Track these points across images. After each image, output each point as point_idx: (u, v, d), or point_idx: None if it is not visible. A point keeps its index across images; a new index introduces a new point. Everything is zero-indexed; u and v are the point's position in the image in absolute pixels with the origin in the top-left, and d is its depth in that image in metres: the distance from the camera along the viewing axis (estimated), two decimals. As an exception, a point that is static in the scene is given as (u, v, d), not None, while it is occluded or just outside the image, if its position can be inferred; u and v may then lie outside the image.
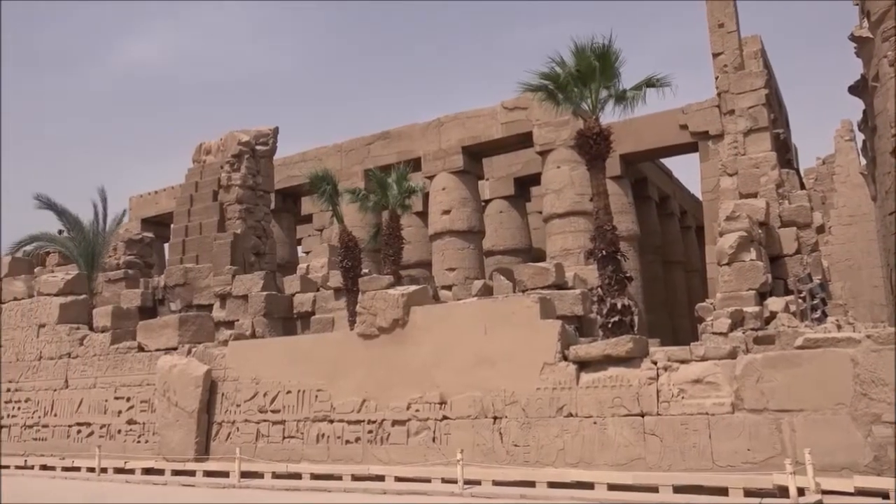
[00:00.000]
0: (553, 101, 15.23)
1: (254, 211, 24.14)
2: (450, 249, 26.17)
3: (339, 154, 29.61)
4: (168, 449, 15.99)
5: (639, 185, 28.16)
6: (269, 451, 14.96)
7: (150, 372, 17.20)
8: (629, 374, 11.82)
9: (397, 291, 14.36)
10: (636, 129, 24.17)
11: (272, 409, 15.19)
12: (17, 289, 21.01)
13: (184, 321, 17.76)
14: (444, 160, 26.85)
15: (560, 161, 24.51)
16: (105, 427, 17.76)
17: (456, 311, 14.09)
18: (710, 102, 22.83)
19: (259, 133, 24.89)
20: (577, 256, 23.06)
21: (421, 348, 13.68)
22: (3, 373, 20.36)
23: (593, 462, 11.69)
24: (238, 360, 16.03)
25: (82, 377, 18.64)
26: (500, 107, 25.93)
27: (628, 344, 11.97)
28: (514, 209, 29.41)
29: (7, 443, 19.65)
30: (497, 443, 12.58)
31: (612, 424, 11.68)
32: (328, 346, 15.15)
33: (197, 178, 25.23)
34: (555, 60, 14.59)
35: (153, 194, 35.22)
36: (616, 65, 14.37)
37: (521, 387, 12.53)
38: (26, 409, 19.50)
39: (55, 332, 19.54)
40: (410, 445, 13.40)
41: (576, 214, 23.95)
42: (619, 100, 14.82)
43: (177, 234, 24.85)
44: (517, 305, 13.16)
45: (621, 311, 13.58)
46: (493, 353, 12.91)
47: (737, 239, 16.03)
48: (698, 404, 11.16)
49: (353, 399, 14.19)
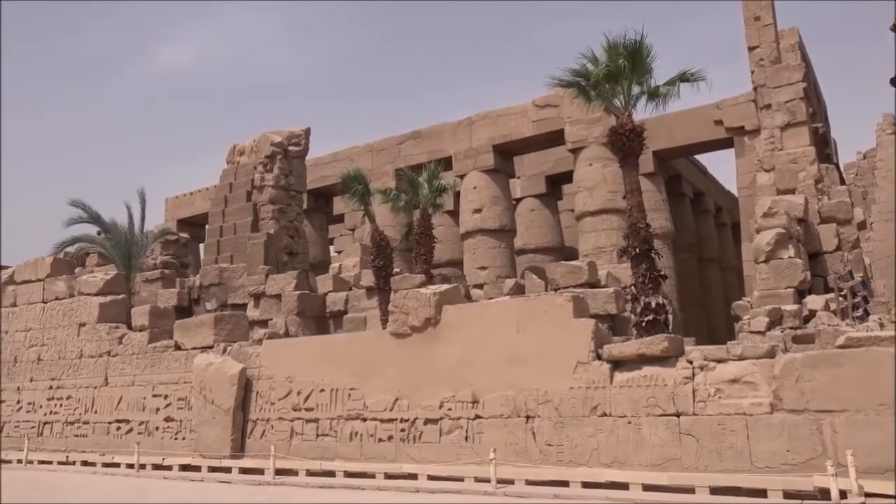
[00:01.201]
0: (585, 98, 15.10)
1: (286, 211, 24.40)
2: (481, 248, 26.13)
3: (371, 154, 29.75)
4: (204, 446, 16.22)
5: (672, 181, 27.80)
6: (303, 448, 15.08)
7: (186, 370, 17.46)
8: (664, 374, 11.66)
9: (429, 290, 14.37)
10: (669, 125, 23.88)
11: (306, 407, 15.31)
12: (59, 289, 21.49)
13: (219, 320, 18.01)
14: (474, 159, 26.81)
15: (592, 158, 24.31)
16: (143, 424, 18.09)
17: (488, 309, 14.05)
18: (746, 97, 22.44)
19: (291, 134, 25.15)
20: (609, 254, 22.85)
21: (453, 347, 13.67)
22: (46, 370, 20.85)
23: (628, 462, 11.56)
24: (272, 358, 16.19)
25: (121, 375, 19.01)
26: (531, 104, 25.81)
27: (663, 343, 11.81)
28: (546, 207, 29.25)
29: (49, 439, 20.12)
30: (530, 442, 12.51)
31: (647, 424, 11.54)
32: (361, 345, 15.23)
33: (231, 178, 25.58)
34: (586, 57, 14.48)
35: (188, 195, 35.80)
36: (648, 60, 14.19)
37: (554, 386, 12.45)
38: (68, 406, 19.95)
39: (95, 331, 19.96)
40: (443, 444, 13.40)
41: (608, 212, 23.73)
42: (652, 96, 14.64)
43: (211, 234, 25.23)
44: (550, 304, 13.07)
45: (655, 309, 13.41)
46: (526, 352, 12.85)
47: (774, 236, 15.72)
48: (736, 404, 10.96)
49: (386, 398, 14.24)
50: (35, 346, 21.42)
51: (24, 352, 21.64)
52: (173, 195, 36.50)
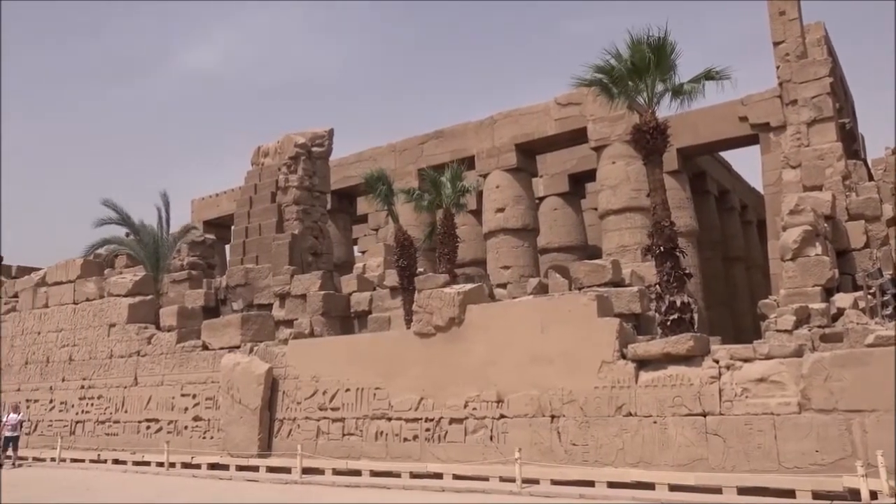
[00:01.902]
0: (608, 96, 15.05)
1: (311, 212, 24.60)
2: (504, 247, 26.12)
3: (394, 154, 29.87)
4: (232, 445, 16.44)
5: (697, 179, 27.55)
6: (329, 447, 15.23)
7: (214, 370, 17.71)
8: (690, 373, 11.61)
9: (453, 290, 14.43)
10: (694, 122, 23.68)
11: (332, 406, 15.45)
12: (89, 290, 21.90)
13: (245, 320, 18.23)
14: (497, 158, 26.80)
15: (615, 156, 24.19)
16: (172, 423, 18.38)
17: (512, 309, 14.07)
18: (772, 93, 22.17)
19: (315, 135, 25.34)
20: (633, 253, 22.72)
21: (477, 346, 13.72)
22: (77, 370, 21.25)
23: (653, 462, 11.53)
24: (298, 358, 16.36)
25: (151, 375, 19.32)
26: (554, 103, 25.73)
27: (688, 342, 11.76)
28: (569, 206, 29.15)
29: (81, 437, 20.53)
30: (555, 442, 12.52)
31: (673, 424, 11.50)
32: (385, 345, 15.34)
33: (255, 180, 25.84)
34: (610, 54, 14.42)
35: (214, 197, 36.22)
36: (672, 57, 14.10)
37: (579, 385, 12.45)
38: (99, 406, 20.33)
39: (125, 332, 20.31)
40: (468, 444, 13.46)
41: (632, 210, 23.59)
42: (677, 93, 14.54)
43: (237, 235, 25.52)
44: (574, 303, 13.06)
45: (680, 308, 13.33)
46: (550, 351, 12.86)
47: (801, 233, 15.53)
48: (763, 404, 10.89)
49: (411, 397, 14.33)
50: (67, 347, 21.85)
51: (57, 352, 22.09)
52: (199, 197, 36.97)
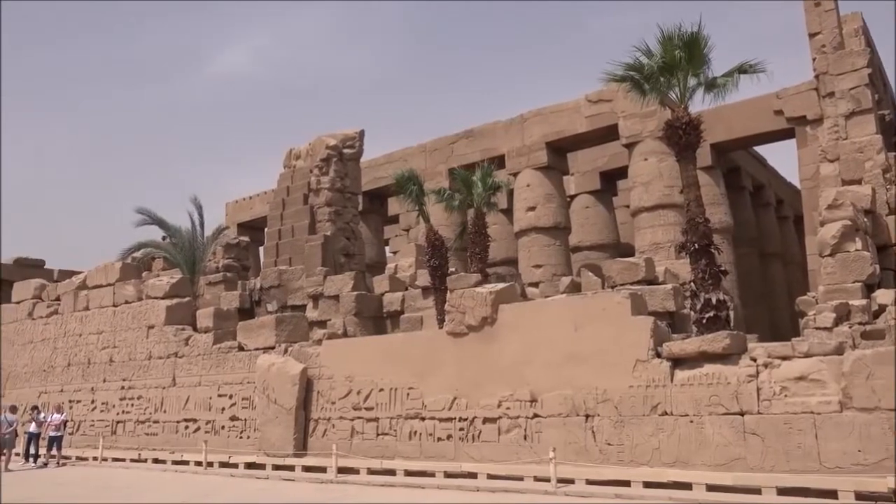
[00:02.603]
0: (639, 92, 14.89)
1: (342, 213, 24.80)
2: (536, 246, 26.05)
3: (424, 154, 29.97)
4: (268, 444, 16.65)
5: (731, 174, 27.15)
6: (363, 447, 15.34)
7: (249, 370, 17.95)
8: (727, 372, 11.45)
9: (485, 289, 14.43)
10: (727, 116, 23.34)
11: (366, 406, 15.56)
12: (128, 292, 22.35)
13: (280, 321, 18.45)
14: (527, 156, 26.73)
15: (647, 153, 23.96)
16: (210, 423, 18.68)
17: (545, 308, 14.02)
18: (808, 85, 21.76)
19: (346, 136, 25.54)
20: (667, 251, 22.49)
21: (510, 346, 13.70)
22: (117, 371, 21.71)
23: (690, 462, 11.40)
24: (332, 358, 16.51)
25: (188, 375, 19.66)
26: (584, 100, 25.58)
27: (725, 340, 11.60)
28: (601, 204, 28.95)
29: (122, 437, 20.97)
30: (590, 441, 12.45)
31: (710, 423, 11.36)
32: (418, 345, 15.39)
33: (288, 182, 26.14)
34: (640, 50, 14.27)
35: (247, 200, 36.74)
36: (705, 51, 13.90)
37: (613, 384, 12.36)
38: (139, 406, 20.74)
39: (163, 333, 20.69)
40: (502, 443, 13.45)
41: (665, 207, 23.35)
42: (710, 87, 14.32)
43: (270, 237, 25.85)
44: (607, 302, 12.97)
45: (716, 306, 13.14)
46: (584, 350, 12.79)
47: (840, 228, 15.23)
48: (803, 403, 10.69)
49: (444, 397, 14.36)
50: (107, 349, 22.33)
51: (97, 354, 22.58)
52: (233, 199, 37.50)
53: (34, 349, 25.06)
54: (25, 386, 24.82)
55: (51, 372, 24.07)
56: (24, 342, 25.63)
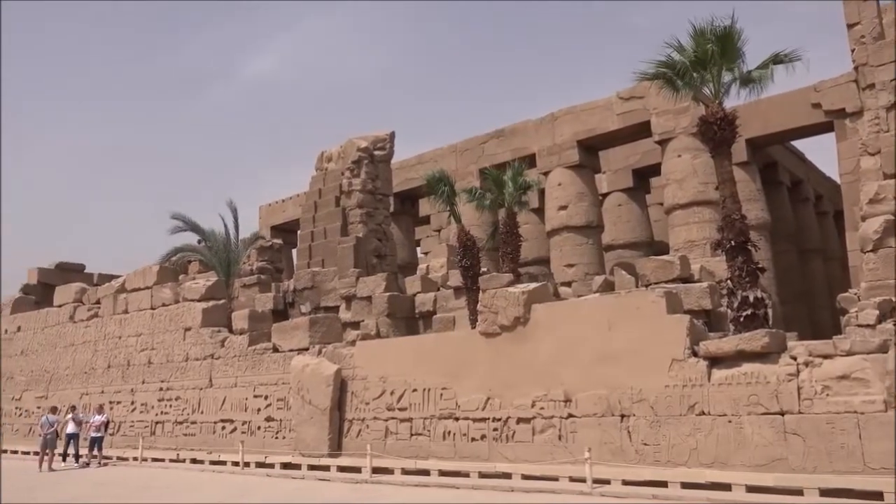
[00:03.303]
0: (672, 88, 14.67)
1: (374, 214, 24.92)
2: (568, 245, 25.88)
3: (454, 154, 29.98)
4: (303, 445, 16.79)
5: (768, 170, 26.68)
6: (397, 447, 15.38)
7: (284, 371, 18.12)
8: (766, 370, 11.23)
9: (518, 289, 14.36)
10: (763, 111, 22.95)
11: (399, 406, 15.59)
12: (165, 295, 22.73)
13: (313, 322, 18.59)
14: (558, 155, 26.58)
15: (681, 149, 23.66)
16: (246, 424, 18.90)
17: (578, 307, 13.91)
18: (846, 77, 21.25)
19: (376, 138, 25.66)
20: (702, 248, 22.17)
21: (543, 346, 13.62)
22: (156, 373, 22.10)
23: (729, 462, 11.21)
24: (365, 359, 16.58)
25: (224, 377, 19.92)
26: (616, 97, 25.35)
27: (764, 338, 11.37)
28: (634, 202, 28.67)
29: (161, 437, 21.33)
30: (625, 441, 12.32)
31: (749, 423, 11.15)
32: (451, 345, 15.38)
33: (320, 184, 26.34)
34: (672, 45, 14.07)
35: (280, 203, 37.15)
36: (738, 45, 13.65)
37: (649, 384, 12.21)
38: (177, 407, 21.08)
39: (199, 335, 21.00)
40: (536, 443, 13.37)
41: (700, 204, 23.03)
42: (745, 81, 14.05)
43: (303, 239, 26.08)
44: (642, 301, 12.82)
45: (754, 303, 12.89)
46: (618, 349, 12.65)
47: (882, 223, 14.85)
48: (845, 402, 10.44)
49: (478, 397, 14.33)
50: (146, 351, 22.74)
51: (136, 356, 23.01)
52: (266, 203, 37.95)
53: (75, 351, 25.64)
54: (68, 387, 25.41)
55: (92, 374, 24.58)
56: (65, 345, 26.24)
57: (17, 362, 28.68)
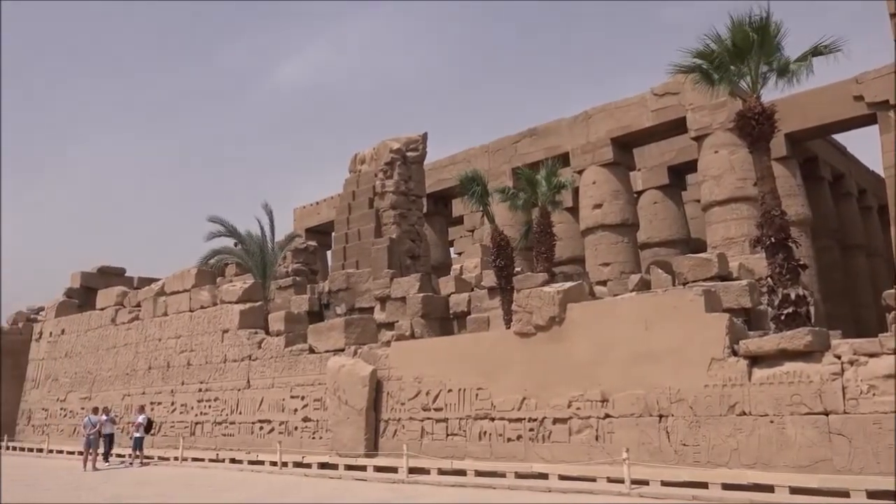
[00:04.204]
0: (708, 82, 14.42)
1: (407, 215, 24.98)
2: (603, 244, 25.63)
3: (487, 154, 29.91)
4: (340, 445, 16.90)
5: (808, 164, 26.09)
6: (433, 447, 15.38)
7: (320, 372, 18.27)
8: (809, 370, 10.97)
9: (552, 289, 14.26)
10: (802, 104, 22.48)
11: (435, 407, 15.60)
12: (203, 298, 23.09)
13: (349, 324, 18.70)
14: (592, 153, 26.34)
15: (717, 145, 23.28)
16: (283, 424, 19.09)
17: (614, 306, 13.76)
18: (889, 69, 20.70)
19: (409, 140, 25.73)
20: (741, 245, 21.77)
21: (579, 345, 13.50)
22: (195, 374, 22.46)
23: (771, 463, 10.97)
24: (400, 359, 16.62)
25: (262, 378, 20.15)
26: (650, 93, 25.04)
27: (806, 337, 11.11)
28: (670, 199, 28.28)
29: (201, 438, 21.66)
30: (664, 442, 12.14)
31: (792, 423, 10.90)
32: (486, 345, 15.34)
33: (353, 186, 26.50)
34: (709, 38, 13.84)
35: (315, 205, 37.47)
36: (777, 37, 13.35)
37: (688, 384, 12.01)
38: (216, 408, 21.39)
39: (237, 337, 21.28)
40: (573, 444, 13.26)
41: (738, 201, 22.62)
42: (783, 73, 13.73)
43: (337, 241, 26.26)
44: (680, 299, 12.62)
45: (795, 301, 12.60)
46: (656, 349, 12.48)
47: (930, 217, 14.40)
48: (893, 402, 10.13)
49: (513, 397, 14.26)
50: (185, 352, 23.12)
51: (176, 357, 23.42)
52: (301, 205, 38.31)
53: (117, 353, 26.19)
54: (110, 389, 25.97)
55: (133, 375, 25.08)
56: (107, 347, 26.83)
57: (61, 364, 29.42)
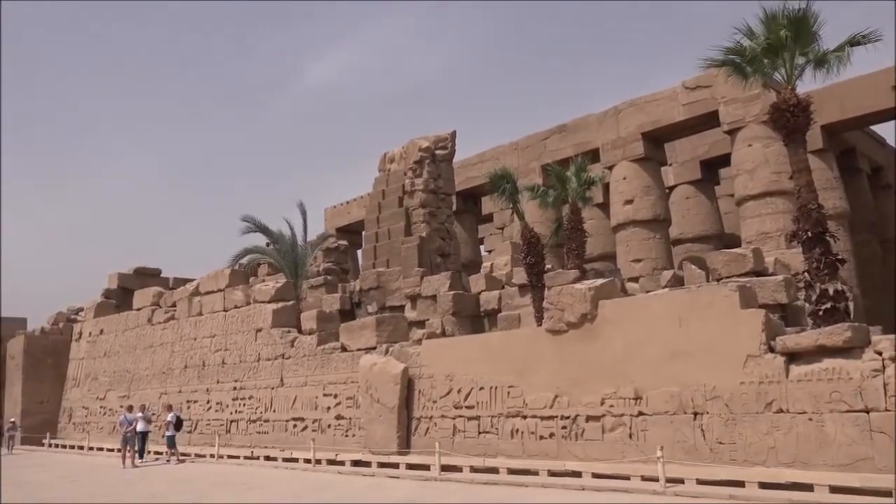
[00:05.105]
0: (741, 75, 14.20)
1: (437, 214, 25.01)
2: (634, 240, 25.38)
3: (516, 151, 29.81)
4: (373, 442, 17.00)
5: (845, 156, 25.55)
6: (465, 445, 15.40)
7: (353, 370, 18.40)
8: (848, 366, 10.74)
9: (584, 286, 14.16)
10: (839, 95, 22.01)
11: (466, 405, 15.61)
12: (237, 297, 23.40)
13: (380, 322, 18.80)
14: (623, 149, 26.09)
15: (751, 139, 22.89)
16: (317, 422, 19.27)
17: (647, 303, 13.62)
18: (930, 57, 20.18)
19: (438, 138, 25.75)
20: (776, 240, 21.39)
21: (611, 342, 13.39)
22: (229, 373, 22.78)
23: (810, 462, 10.77)
24: (432, 357, 16.66)
25: (295, 376, 20.36)
26: (681, 87, 24.71)
27: (846, 332, 10.87)
28: (702, 194, 27.91)
29: (236, 435, 21.97)
30: (699, 440, 11.99)
31: (831, 421, 10.68)
32: (517, 343, 15.30)
33: (383, 185, 26.61)
34: (741, 31, 13.63)
35: (345, 205, 37.71)
36: (814, 28, 13.09)
37: (723, 381, 11.85)
38: (250, 406, 21.67)
39: (270, 336, 21.53)
40: (606, 442, 13.17)
41: (772, 195, 22.21)
42: (819, 64, 13.47)
43: (368, 240, 26.40)
44: (714, 295, 12.45)
45: (833, 296, 12.36)
46: (690, 346, 12.32)
47: (974, 209, 14.00)
48: (937, 399, 9.88)
49: (545, 395, 14.21)
50: (220, 351, 23.46)
51: (211, 356, 23.77)
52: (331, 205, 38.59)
53: (154, 353, 26.67)
54: (147, 387, 26.47)
55: (170, 374, 25.52)
56: (144, 346, 27.34)
57: (100, 363, 30.06)
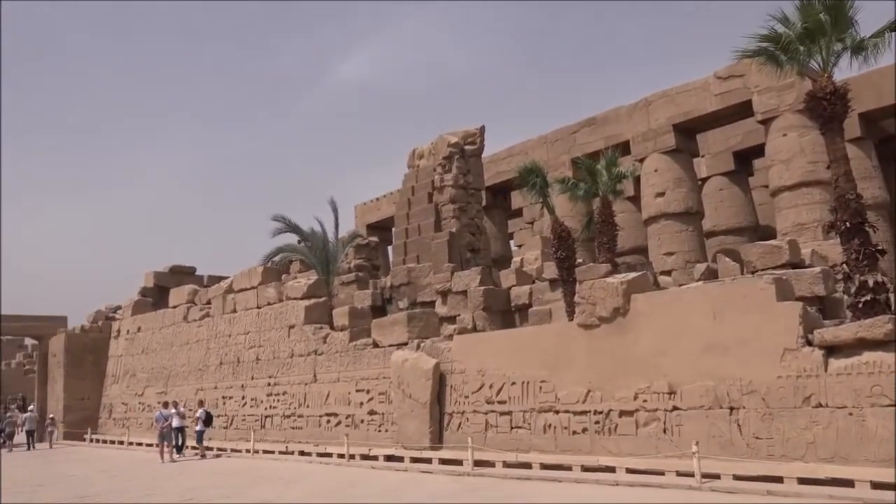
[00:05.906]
0: (775, 63, 13.90)
1: (466, 209, 25.01)
2: (666, 233, 25.10)
3: (545, 145, 29.66)
4: (405, 437, 17.09)
5: (885, 145, 24.90)
6: (497, 440, 15.40)
7: (384, 366, 18.50)
8: (890, 359, 10.49)
9: (616, 280, 14.05)
10: (877, 82, 21.47)
11: (498, 400, 15.60)
12: (270, 294, 23.67)
13: (411, 318, 18.87)
14: (654, 141, 25.80)
15: (786, 128, 22.46)
16: (350, 417, 19.43)
17: (680, 296, 13.46)
18: (973, 40, 19.53)
19: (467, 133, 25.73)
20: (813, 231, 20.99)
21: (644, 337, 13.27)
22: (264, 369, 23.07)
23: (851, 457, 10.55)
24: (463, 353, 16.68)
25: (327, 372, 20.54)
26: (713, 77, 24.34)
27: (887, 325, 10.63)
28: (736, 185, 27.50)
29: (270, 430, 22.25)
30: (735, 435, 11.83)
31: (872, 416, 10.46)
32: (548, 338, 15.24)
33: (412, 182, 26.68)
34: (776, 17, 13.35)
35: (375, 201, 37.90)
36: (851, 13, 12.77)
37: (759, 375, 11.67)
38: (284, 401, 21.93)
39: (303, 332, 21.74)
40: (640, 436, 13.06)
41: (808, 185, 21.79)
42: (857, 51, 13.13)
43: (398, 236, 26.51)
44: (749, 288, 12.26)
45: (873, 288, 12.06)
46: (725, 339, 12.16)
47: None
48: (983, 392, 9.61)
49: (578, 390, 14.13)
50: (253, 348, 23.77)
51: (245, 353, 24.09)
52: (361, 202, 38.81)
53: (190, 350, 27.12)
54: (184, 384, 26.93)
55: (205, 370, 25.93)
56: (180, 343, 27.81)
57: (138, 360, 30.67)
